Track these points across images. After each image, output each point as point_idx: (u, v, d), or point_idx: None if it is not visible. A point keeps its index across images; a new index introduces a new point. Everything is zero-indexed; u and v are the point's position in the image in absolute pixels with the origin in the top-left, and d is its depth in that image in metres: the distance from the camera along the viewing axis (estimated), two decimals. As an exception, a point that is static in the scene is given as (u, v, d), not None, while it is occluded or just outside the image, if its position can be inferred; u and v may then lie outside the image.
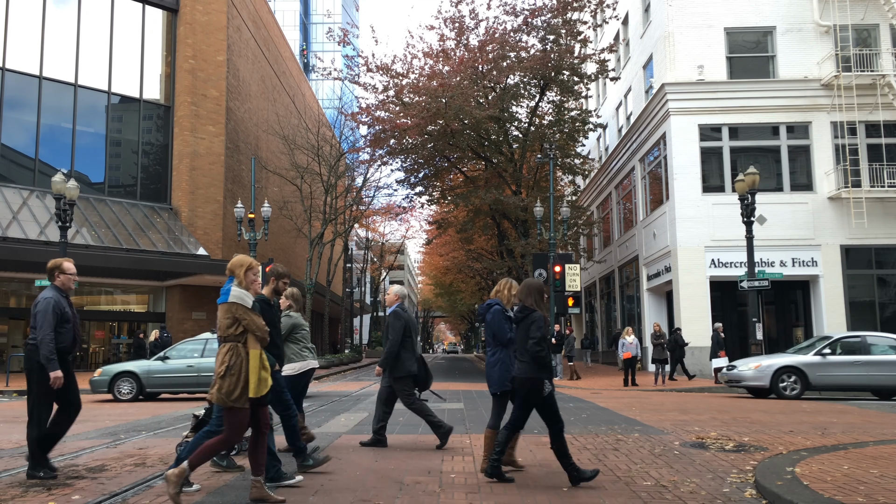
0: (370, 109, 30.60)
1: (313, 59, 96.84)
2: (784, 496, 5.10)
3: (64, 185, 19.50)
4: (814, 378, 15.24)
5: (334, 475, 6.45)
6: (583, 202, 37.31)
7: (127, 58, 31.09)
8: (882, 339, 16.02)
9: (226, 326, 5.00)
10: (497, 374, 6.51)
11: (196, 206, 31.02)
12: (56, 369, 6.14)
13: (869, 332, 17.16)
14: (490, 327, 6.58)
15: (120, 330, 32.06)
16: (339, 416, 11.88)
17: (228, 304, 5.02)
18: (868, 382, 15.29)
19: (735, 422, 10.58)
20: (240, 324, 4.98)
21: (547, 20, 28.23)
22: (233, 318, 4.99)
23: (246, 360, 4.91)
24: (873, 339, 15.95)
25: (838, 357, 15.35)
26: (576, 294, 24.54)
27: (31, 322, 6.39)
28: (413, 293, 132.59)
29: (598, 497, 5.55)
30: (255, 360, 4.92)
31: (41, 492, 5.80)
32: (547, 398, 5.83)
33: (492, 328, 6.56)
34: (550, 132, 30.10)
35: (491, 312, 6.60)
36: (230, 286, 5.09)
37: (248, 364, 4.91)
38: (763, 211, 21.02)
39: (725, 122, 23.70)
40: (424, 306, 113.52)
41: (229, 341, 4.99)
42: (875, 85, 22.77)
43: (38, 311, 6.21)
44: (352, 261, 57.01)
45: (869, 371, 15.16)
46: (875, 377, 15.29)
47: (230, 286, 5.09)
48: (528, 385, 5.82)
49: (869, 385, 15.41)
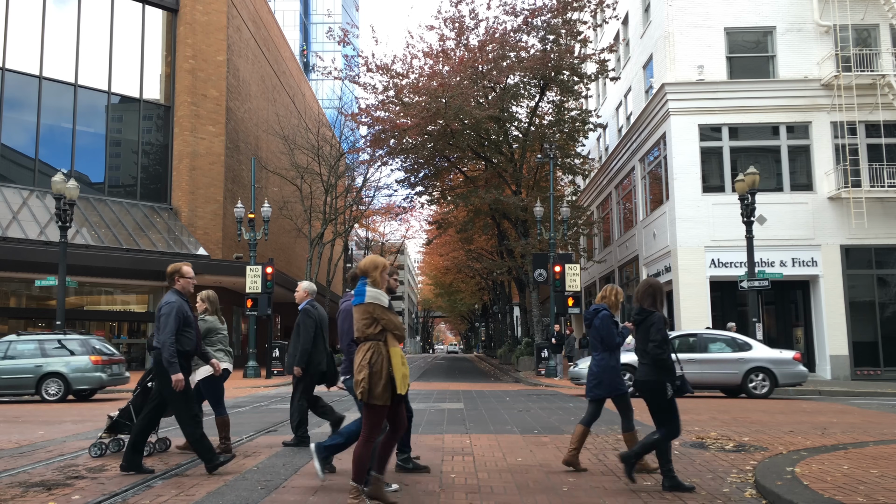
0: (370, 109, 30.60)
1: (313, 58, 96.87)
2: (784, 496, 5.10)
3: (64, 185, 19.51)
4: None
5: (334, 475, 6.45)
6: (583, 202, 37.30)
7: (127, 58, 31.09)
8: (719, 336, 16.33)
9: (364, 326, 5.07)
10: (608, 378, 6.57)
11: (196, 206, 31.02)
12: (177, 372, 6.31)
13: (706, 331, 17.30)
14: (598, 332, 6.63)
15: (120, 330, 32.05)
16: (339, 416, 11.86)
17: (365, 304, 5.09)
18: (701, 380, 15.43)
19: (735, 422, 10.58)
20: (378, 323, 5.04)
21: (547, 20, 28.24)
22: (370, 317, 5.06)
23: (387, 358, 4.98)
24: (710, 336, 16.27)
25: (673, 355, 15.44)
26: (576, 294, 24.54)
27: (156, 325, 6.55)
28: (413, 293, 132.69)
29: (598, 497, 5.55)
30: (397, 357, 5.01)
31: (41, 492, 5.80)
32: (669, 401, 5.77)
33: (600, 333, 6.62)
34: (550, 132, 30.10)
35: (599, 317, 6.67)
36: (364, 287, 5.16)
37: (391, 362, 4.97)
38: (763, 211, 21.01)
39: (725, 122, 23.69)
40: (424, 306, 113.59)
41: (369, 340, 5.06)
42: (875, 85, 22.76)
43: (161, 314, 6.37)
44: (352, 261, 56.99)
45: (703, 368, 15.36)
46: (709, 374, 15.49)
47: (364, 287, 5.16)
48: (651, 387, 5.77)
49: (702, 382, 15.53)
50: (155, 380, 6.62)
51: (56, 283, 20.16)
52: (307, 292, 8.17)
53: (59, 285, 19.74)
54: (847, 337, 22.31)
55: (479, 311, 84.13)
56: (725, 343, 16.00)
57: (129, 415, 7.48)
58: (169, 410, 6.69)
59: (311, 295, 8.18)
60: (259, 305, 24.18)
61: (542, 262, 25.18)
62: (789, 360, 15.64)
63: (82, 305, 30.88)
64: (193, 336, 6.56)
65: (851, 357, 22.27)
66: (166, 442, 7.92)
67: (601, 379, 6.57)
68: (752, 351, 15.68)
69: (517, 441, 8.65)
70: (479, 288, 61.33)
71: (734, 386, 15.61)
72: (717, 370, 15.50)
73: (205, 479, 6.28)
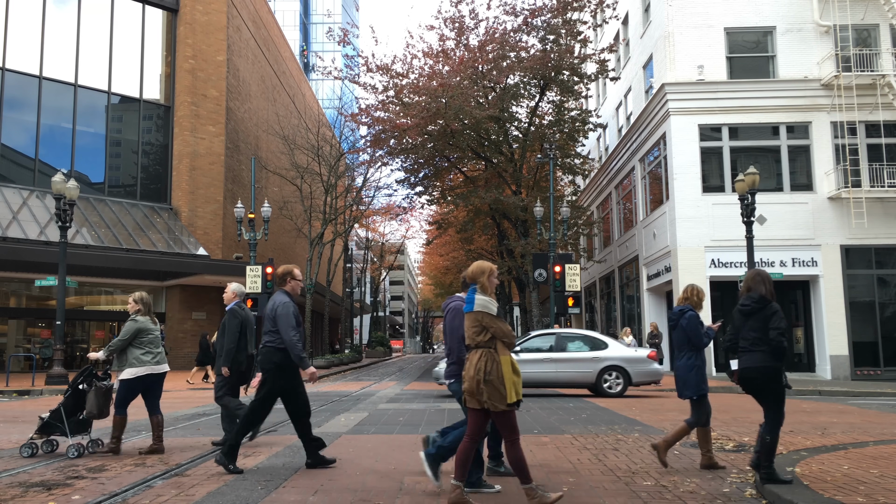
0: (370, 110, 30.59)
1: (313, 58, 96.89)
2: (784, 496, 5.11)
3: (64, 185, 19.50)
4: None
5: (334, 475, 6.45)
6: (583, 202, 37.30)
7: (127, 58, 31.09)
8: (577, 335, 16.39)
9: (474, 334, 5.09)
10: (694, 378, 6.63)
11: (196, 206, 31.02)
12: (308, 366, 6.66)
13: (565, 330, 17.33)
14: (685, 332, 6.71)
15: (120, 330, 32.08)
16: (338, 416, 11.88)
17: (475, 312, 5.11)
18: (556, 378, 15.51)
19: (735, 422, 10.58)
20: (488, 331, 5.06)
21: (547, 20, 28.22)
22: (480, 325, 5.07)
23: (499, 366, 4.98)
24: (568, 335, 16.33)
25: (530, 354, 15.62)
26: (576, 294, 24.51)
27: (267, 325, 6.69)
28: (413, 293, 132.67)
29: (598, 497, 5.55)
30: (507, 365, 5.02)
31: (41, 492, 5.80)
32: (783, 388, 5.82)
33: (687, 333, 6.69)
34: (550, 132, 30.09)
35: (686, 318, 6.74)
36: (474, 295, 5.17)
37: (502, 370, 4.98)
38: (763, 211, 21.01)
39: (725, 122, 23.69)
40: (424, 306, 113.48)
41: (480, 348, 5.06)
42: (875, 85, 22.76)
43: (278, 314, 6.57)
44: (352, 261, 57.01)
45: (559, 367, 15.47)
46: (564, 374, 15.56)
47: (474, 295, 5.17)
48: (770, 373, 5.76)
49: (557, 381, 15.59)
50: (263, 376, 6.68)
51: (56, 283, 20.16)
52: (235, 293, 8.28)
53: (59, 285, 19.73)
54: (847, 337, 22.31)
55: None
56: (583, 342, 16.04)
57: (59, 416, 7.52)
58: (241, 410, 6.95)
59: (239, 296, 8.30)
60: (259, 306, 24.15)
61: (542, 262, 25.17)
62: (643, 358, 15.71)
63: (82, 305, 30.89)
64: (301, 335, 6.77)
65: (851, 357, 22.27)
66: (98, 443, 7.89)
67: (687, 379, 6.67)
68: (607, 350, 15.73)
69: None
70: (479, 288, 61.22)
71: (589, 384, 15.63)
72: (572, 369, 15.54)
73: (205, 479, 6.28)
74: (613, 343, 16.08)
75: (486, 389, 4.93)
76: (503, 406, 4.95)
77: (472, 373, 5.01)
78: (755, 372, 5.79)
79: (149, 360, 7.61)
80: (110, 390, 7.77)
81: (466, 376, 5.07)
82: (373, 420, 11.18)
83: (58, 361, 19.68)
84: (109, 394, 7.76)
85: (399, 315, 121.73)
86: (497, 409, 4.96)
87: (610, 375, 15.50)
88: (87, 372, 7.87)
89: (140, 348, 7.61)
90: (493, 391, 4.93)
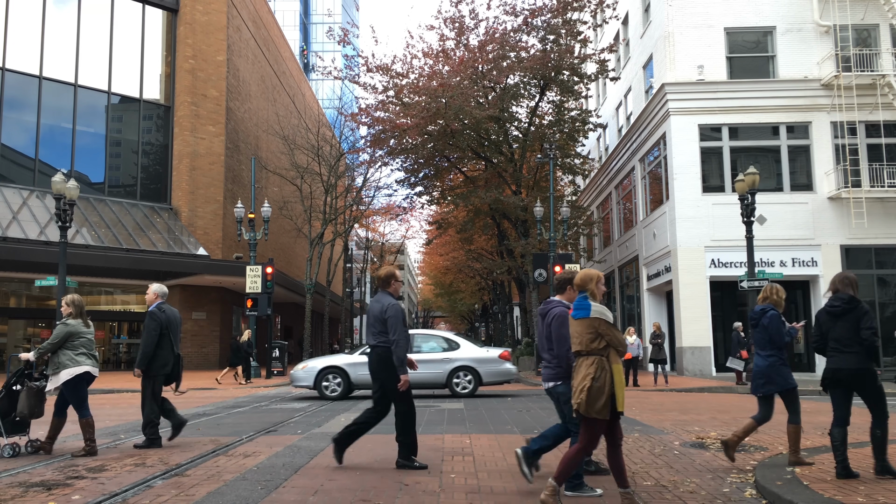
0: (370, 110, 30.58)
1: (313, 58, 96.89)
2: (784, 496, 5.11)
3: (64, 185, 19.49)
4: (355, 377, 15.42)
5: (334, 475, 6.46)
6: (583, 202, 37.30)
7: (127, 58, 31.09)
8: (432, 335, 16.43)
9: (588, 341, 5.09)
10: (777, 375, 6.77)
11: (196, 206, 31.02)
12: (405, 373, 6.74)
13: (422, 330, 17.28)
14: (767, 331, 6.84)
15: (120, 330, 32.08)
16: (339, 416, 11.88)
17: (591, 318, 5.11)
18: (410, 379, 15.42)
19: (735, 422, 10.57)
20: (602, 338, 5.07)
21: (547, 20, 28.21)
22: (595, 332, 5.08)
23: (610, 374, 5.00)
24: (424, 336, 16.37)
25: None
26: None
27: (374, 326, 6.82)
28: (413, 293, 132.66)
29: (598, 497, 5.54)
30: (619, 374, 5.04)
31: (41, 492, 5.80)
32: (881, 385, 5.94)
33: (769, 332, 6.82)
34: (550, 132, 30.08)
35: (768, 317, 6.87)
36: (585, 301, 5.19)
37: (613, 378, 4.99)
38: (763, 211, 21.00)
39: (725, 122, 23.69)
40: (424, 306, 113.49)
41: (592, 355, 5.07)
42: (875, 85, 22.76)
43: (388, 315, 6.69)
44: (352, 261, 57.00)
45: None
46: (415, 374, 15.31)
47: (585, 301, 5.19)
48: (865, 374, 5.88)
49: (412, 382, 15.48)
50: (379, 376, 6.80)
51: (56, 283, 20.16)
52: (157, 294, 8.34)
53: (59, 285, 19.73)
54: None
55: (479, 311, 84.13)
56: (437, 343, 16.08)
57: None
58: None
59: (160, 297, 8.35)
60: (259, 305, 24.19)
61: (542, 262, 25.17)
62: (494, 358, 15.74)
63: (82, 305, 30.85)
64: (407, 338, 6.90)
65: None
66: (36, 443, 7.92)
67: (771, 376, 6.76)
68: (459, 350, 15.77)
69: (517, 441, 8.63)
70: (479, 288, 61.29)
71: (440, 385, 15.64)
72: (424, 370, 15.41)
73: (205, 479, 6.28)
74: (466, 344, 16.10)
75: (591, 395, 4.95)
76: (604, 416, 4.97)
77: (580, 379, 5.04)
78: (850, 374, 5.91)
79: (84, 361, 7.68)
80: (42, 391, 7.80)
81: (575, 382, 5.10)
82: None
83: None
84: (42, 395, 7.80)
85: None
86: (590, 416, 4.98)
87: (460, 376, 15.55)
88: (19, 373, 7.89)
89: (73, 350, 7.66)
90: (596, 399, 4.95)
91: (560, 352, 5.73)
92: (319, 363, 15.76)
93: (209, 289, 30.76)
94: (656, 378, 19.53)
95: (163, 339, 8.11)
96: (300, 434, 9.43)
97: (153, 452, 7.82)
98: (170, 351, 8.18)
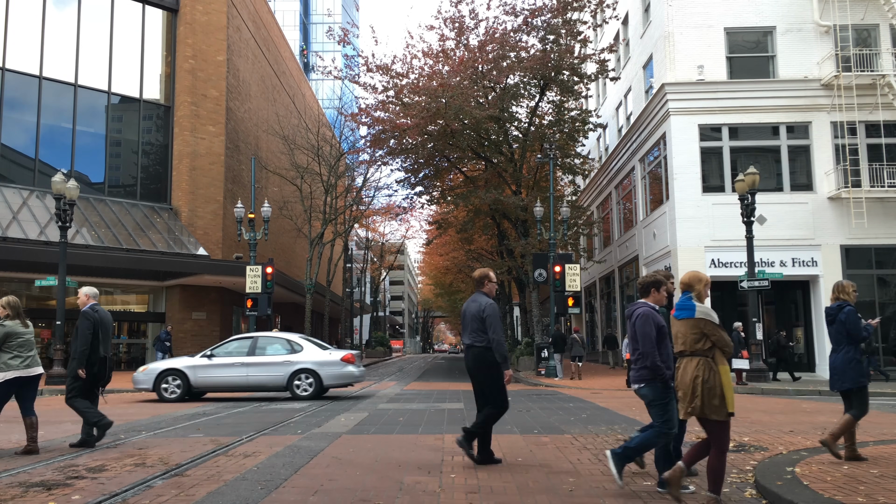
0: (370, 110, 30.60)
1: (313, 58, 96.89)
2: (784, 496, 5.11)
3: (64, 185, 19.50)
4: (195, 380, 15.42)
5: (334, 475, 6.46)
6: (583, 202, 37.30)
7: (127, 58, 31.08)
8: (277, 338, 16.34)
9: (693, 341, 5.09)
10: (853, 371, 6.82)
11: (196, 206, 31.02)
12: (509, 368, 7.02)
13: (264, 333, 17.20)
14: (845, 326, 6.88)
15: (120, 330, 32.05)
16: (339, 415, 11.88)
17: (696, 319, 5.10)
18: (248, 382, 15.46)
19: (735, 422, 10.57)
20: (708, 339, 5.06)
21: (547, 20, 28.22)
22: (700, 332, 5.07)
23: (718, 374, 4.99)
24: (268, 338, 16.31)
25: (223, 359, 15.64)
26: (576, 294, 24.53)
27: (471, 325, 6.99)
28: (413, 293, 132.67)
29: (599, 497, 5.55)
30: (726, 375, 5.02)
31: (41, 492, 5.80)
32: None
33: (846, 327, 6.87)
34: (550, 132, 30.09)
35: (845, 312, 6.90)
36: (689, 301, 5.19)
37: (721, 379, 4.98)
38: (763, 211, 21.01)
39: (725, 122, 23.69)
40: (424, 306, 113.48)
41: (697, 356, 5.07)
42: (875, 85, 22.76)
43: (487, 315, 6.88)
44: (352, 261, 57.00)
45: (253, 371, 15.42)
46: (256, 377, 15.48)
47: (689, 301, 5.19)
48: None
49: (249, 384, 15.55)
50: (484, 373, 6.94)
51: (56, 283, 20.16)
52: (88, 296, 8.50)
53: (59, 285, 19.74)
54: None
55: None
56: (281, 345, 16.04)
57: None
58: None
59: (92, 299, 8.50)
60: (259, 305, 24.18)
61: (542, 262, 25.17)
62: (336, 361, 15.64)
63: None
64: None
65: (851, 357, 22.25)
66: None
67: (846, 371, 6.82)
68: (301, 353, 15.71)
69: (517, 441, 8.65)
70: (479, 288, 61.22)
71: (281, 387, 15.58)
72: (265, 373, 15.49)
73: (205, 479, 6.28)
74: (309, 346, 15.99)
75: (704, 398, 4.93)
76: (722, 417, 4.94)
77: (689, 380, 5.02)
78: None
79: (17, 365, 7.73)
80: None
81: (681, 384, 5.08)
82: (373, 420, 11.18)
83: (58, 362, 19.68)
84: None
85: (399, 315, 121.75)
86: (714, 419, 4.95)
87: (302, 378, 15.49)
88: None
89: (8, 352, 7.73)
90: (710, 400, 4.93)
91: (644, 349, 5.69)
92: (160, 366, 15.81)
93: (209, 289, 30.74)
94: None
95: (93, 340, 8.26)
96: (300, 434, 9.43)
97: (153, 453, 7.82)
98: (97, 352, 8.32)
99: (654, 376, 5.44)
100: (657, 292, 5.82)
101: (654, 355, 5.47)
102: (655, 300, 5.81)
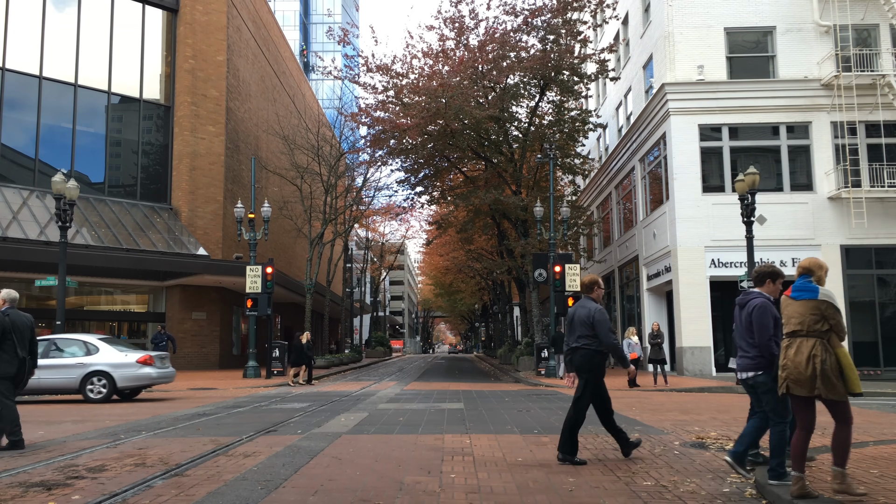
0: (370, 110, 30.59)
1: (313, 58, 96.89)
2: (784, 496, 5.11)
3: (64, 185, 19.49)
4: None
5: (334, 475, 6.45)
6: (583, 202, 37.30)
7: (127, 58, 31.09)
8: (73, 341, 16.00)
9: (811, 322, 5.14)
10: None
11: (196, 206, 31.02)
12: (629, 366, 7.43)
13: (61, 335, 16.76)
14: None
15: (120, 330, 32.05)
16: (339, 415, 11.88)
17: (818, 301, 5.16)
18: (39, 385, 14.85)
19: (735, 422, 10.56)
20: (826, 321, 5.11)
21: (547, 20, 28.22)
22: (820, 314, 5.12)
23: (835, 356, 5.05)
24: (65, 340, 15.99)
25: None
26: (576, 294, 24.51)
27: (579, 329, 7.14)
28: (413, 293, 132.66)
29: (598, 497, 5.55)
30: (846, 357, 5.09)
31: (41, 492, 5.80)
32: None
33: None
34: (550, 132, 30.08)
35: None
36: (811, 283, 5.27)
37: (841, 361, 5.04)
38: (763, 211, 21.01)
39: (725, 122, 23.70)
40: (424, 306, 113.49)
41: (812, 337, 5.12)
42: (875, 85, 22.76)
43: (596, 320, 7.05)
44: (352, 261, 57.00)
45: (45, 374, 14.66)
46: (48, 380, 15.02)
47: (811, 283, 5.27)
48: None
49: (40, 388, 15.06)
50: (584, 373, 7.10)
51: (56, 283, 20.15)
52: (3, 300, 8.54)
53: (59, 285, 19.73)
54: (847, 337, 22.30)
55: (479, 311, 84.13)
56: (78, 347, 15.73)
57: None
58: None
59: (7, 302, 8.54)
60: (259, 305, 24.18)
61: (542, 262, 25.17)
62: (132, 363, 15.35)
63: (82, 305, 30.88)
64: None
65: (852, 357, 22.25)
66: None
67: None
68: (96, 355, 15.40)
69: (517, 441, 8.65)
70: (479, 288, 61.30)
71: (74, 390, 15.30)
72: (57, 375, 15.08)
73: (205, 479, 6.28)
74: (105, 348, 15.65)
75: (823, 379, 4.99)
76: (841, 397, 5.00)
77: (805, 359, 5.06)
78: None
79: None
80: None
81: (794, 363, 5.11)
82: (373, 420, 11.18)
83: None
84: None
85: (399, 315, 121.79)
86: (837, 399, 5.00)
87: (94, 381, 15.23)
88: None
89: None
90: (828, 381, 4.98)
91: (762, 341, 5.74)
92: None
93: (209, 289, 30.75)
94: (656, 378, 19.51)
95: (6, 343, 8.28)
96: (300, 434, 9.43)
97: (153, 452, 7.82)
98: (14, 354, 8.35)
99: (770, 364, 5.65)
100: (772, 283, 5.95)
101: (772, 346, 5.64)
102: (770, 291, 5.91)
